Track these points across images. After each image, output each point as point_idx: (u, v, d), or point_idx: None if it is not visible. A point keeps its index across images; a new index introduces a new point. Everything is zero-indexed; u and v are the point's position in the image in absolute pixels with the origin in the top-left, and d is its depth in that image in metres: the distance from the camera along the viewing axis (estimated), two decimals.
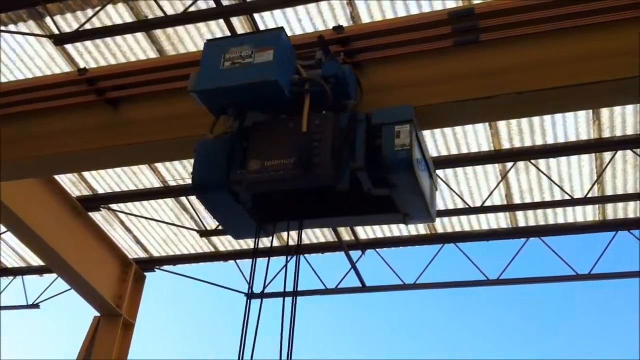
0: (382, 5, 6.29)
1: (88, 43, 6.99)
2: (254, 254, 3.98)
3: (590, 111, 7.11)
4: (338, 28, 4.42)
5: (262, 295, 9.87)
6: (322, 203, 3.94)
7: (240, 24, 6.65)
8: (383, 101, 4.17)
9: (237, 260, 9.92)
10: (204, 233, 9.17)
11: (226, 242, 9.79)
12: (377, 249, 9.71)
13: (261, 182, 3.59)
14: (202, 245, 9.89)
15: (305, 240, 9.74)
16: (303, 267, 9.88)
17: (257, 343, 3.59)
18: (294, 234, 3.91)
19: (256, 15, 6.50)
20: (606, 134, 7.41)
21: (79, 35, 5.78)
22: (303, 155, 3.49)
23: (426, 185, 3.75)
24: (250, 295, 3.77)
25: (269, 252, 3.97)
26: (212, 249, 9.92)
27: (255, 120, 3.84)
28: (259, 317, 3.64)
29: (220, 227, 9.00)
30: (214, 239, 9.69)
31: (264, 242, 4.01)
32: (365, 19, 6.40)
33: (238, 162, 3.73)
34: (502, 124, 7.60)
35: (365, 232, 9.60)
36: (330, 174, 3.50)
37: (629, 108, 7.03)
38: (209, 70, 3.76)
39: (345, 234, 9.57)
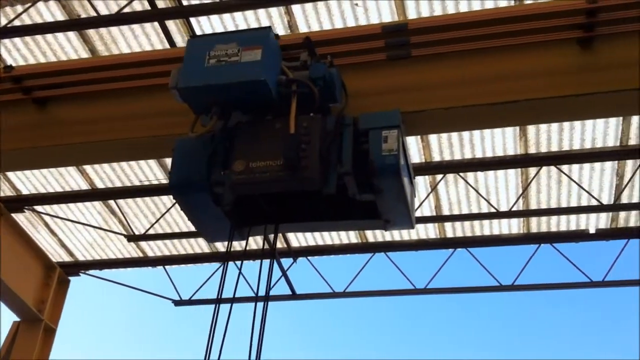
0: (320, 17, 6.34)
1: (17, 40, 6.78)
2: (227, 258, 3.95)
3: (518, 128, 7.35)
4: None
5: (190, 302, 9.78)
6: (301, 207, 3.90)
7: (176, 27, 6.59)
8: None
9: (166, 266, 9.76)
10: (132, 238, 8.97)
11: (155, 248, 9.63)
12: (309, 257, 9.75)
13: (246, 184, 3.51)
14: (130, 250, 9.68)
15: (237, 247, 9.67)
16: (234, 274, 9.85)
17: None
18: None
19: (192, 19, 6.45)
20: (532, 150, 7.68)
21: (7, 32, 5.59)
22: (291, 157, 3.43)
23: (409, 192, 3.75)
24: (219, 300, 3.75)
25: (243, 255, 4.04)
26: (141, 254, 9.73)
27: (236, 120, 3.76)
28: (218, 323, 3.61)
29: (149, 232, 8.87)
30: (143, 244, 9.50)
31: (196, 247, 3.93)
32: (302, 28, 6.44)
33: (220, 163, 3.67)
34: (433, 137, 7.78)
35: (297, 239, 9.62)
36: (318, 177, 3.46)
37: (554, 126, 7.30)
38: (193, 68, 3.65)
39: (278, 242, 9.55)
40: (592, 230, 9.04)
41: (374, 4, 6.14)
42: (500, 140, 7.64)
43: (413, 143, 7.88)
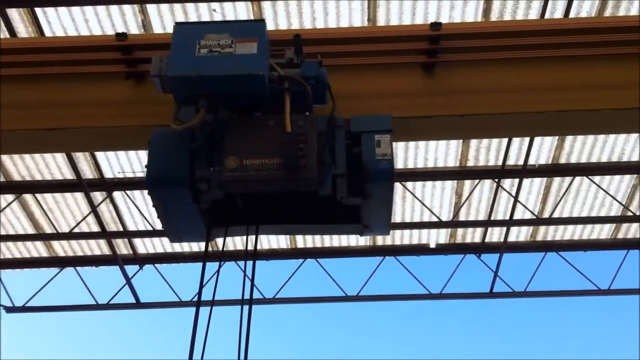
0: (176, 18, 6.20)
1: None
2: (205, 257, 3.74)
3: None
4: (121, 35, 4.23)
5: (24, 309, 9.06)
6: (280, 209, 3.72)
7: (19, 17, 6.17)
8: (166, 112, 4.07)
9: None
10: None
11: None
12: (156, 264, 9.47)
13: (239, 182, 3.31)
14: None
15: (78, 251, 9.22)
16: (75, 280, 9.36)
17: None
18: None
19: (38, 11, 6.07)
20: None
21: None
22: (290, 156, 3.28)
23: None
24: (198, 303, 3.58)
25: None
26: None
27: (221, 115, 3.54)
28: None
29: None
30: None
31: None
32: (157, 29, 6.26)
33: (206, 158, 3.46)
34: None
35: (144, 246, 9.32)
36: (316, 178, 3.33)
37: (400, 145, 7.63)
38: (182, 56, 3.39)
39: (123, 247, 9.21)
40: (432, 245, 9.55)
41: (232, 11, 6.09)
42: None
43: None
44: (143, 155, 7.85)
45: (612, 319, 17.58)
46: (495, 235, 9.31)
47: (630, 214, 8.76)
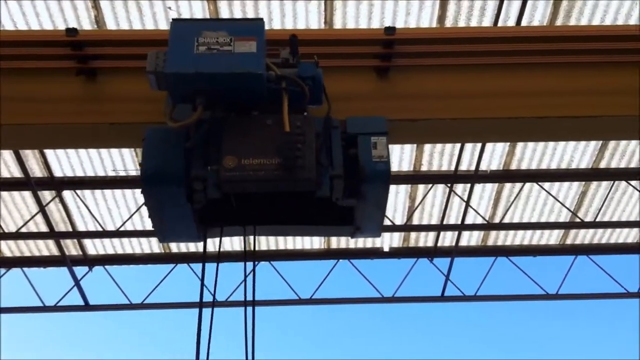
0: (130, 15, 6.11)
1: None
2: (204, 258, 3.75)
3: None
4: (72, 31, 4.15)
5: None
6: (272, 209, 3.68)
7: None
8: (117, 110, 4.04)
9: None
10: None
11: None
12: (107, 266, 9.30)
13: (238, 181, 3.28)
14: None
15: (26, 252, 9.00)
16: (22, 281, 9.13)
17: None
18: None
19: None
20: None
21: None
22: (288, 157, 3.27)
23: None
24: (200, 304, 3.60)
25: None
26: None
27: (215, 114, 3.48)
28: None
29: None
30: None
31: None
32: (111, 25, 6.16)
33: (201, 157, 3.42)
34: None
35: (95, 247, 9.15)
36: (315, 178, 3.32)
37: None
38: (180, 53, 3.35)
39: (73, 248, 9.02)
40: (386, 249, 9.62)
41: (188, 9, 6.03)
42: None
43: None
44: (94, 154, 7.71)
45: (560, 323, 17.99)
46: (447, 239, 9.43)
47: (578, 220, 8.98)
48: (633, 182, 8.62)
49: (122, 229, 8.59)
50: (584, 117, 4.18)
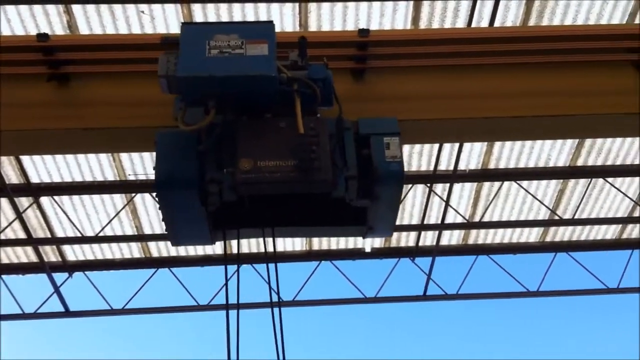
0: (103, 20, 6.06)
1: None
2: (225, 260, 3.82)
3: None
4: (43, 36, 4.11)
5: None
6: (285, 211, 3.71)
7: None
8: (91, 115, 4.01)
9: None
10: None
11: None
12: (87, 272, 9.23)
13: (254, 183, 3.27)
14: None
15: (4, 259, 8.89)
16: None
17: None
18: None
19: None
20: None
21: None
22: (305, 158, 3.28)
23: None
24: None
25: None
26: None
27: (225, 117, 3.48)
28: None
29: None
30: None
31: None
32: (83, 30, 6.10)
33: (215, 160, 3.42)
34: None
35: (74, 253, 9.07)
36: (331, 180, 3.33)
37: None
38: (193, 57, 3.35)
39: (52, 254, 8.93)
40: (367, 249, 9.63)
41: (161, 12, 6.00)
42: None
43: None
44: (71, 159, 7.64)
45: (542, 320, 18.13)
46: (428, 239, 9.46)
47: (557, 217, 9.05)
48: (610, 179, 8.70)
49: (101, 234, 8.52)
50: (560, 116, 4.21)
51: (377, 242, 9.52)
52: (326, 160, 3.35)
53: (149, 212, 8.57)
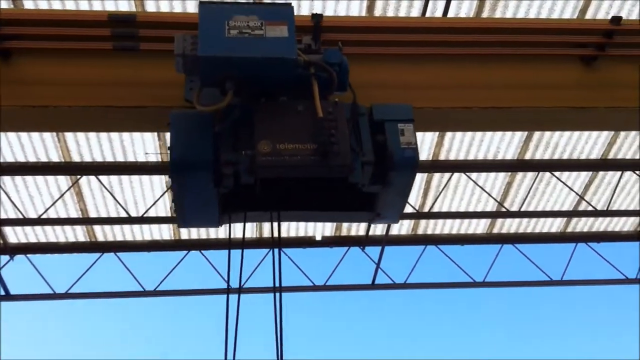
0: None
1: None
2: (229, 245, 3.76)
3: None
4: None
5: None
6: (294, 195, 3.72)
7: None
8: (32, 93, 3.90)
9: None
10: None
11: None
12: (29, 255, 8.99)
13: (274, 166, 3.27)
14: None
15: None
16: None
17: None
18: None
19: None
20: None
21: None
22: (324, 142, 3.28)
23: None
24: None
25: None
26: None
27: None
28: None
29: None
30: None
31: None
32: (28, 4, 5.91)
33: (231, 142, 3.41)
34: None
35: (16, 235, 8.82)
36: (350, 164, 3.33)
37: None
38: (211, 36, 3.32)
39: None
40: (318, 237, 9.64)
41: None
42: None
43: (149, 141, 7.68)
44: (13, 138, 7.40)
45: (488, 310, 18.50)
46: (378, 228, 9.51)
47: (504, 210, 9.21)
48: (557, 173, 8.89)
49: (44, 216, 8.30)
50: (506, 108, 4.27)
51: (328, 231, 9.54)
52: (345, 144, 3.37)
53: (95, 195, 8.38)
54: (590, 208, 9.29)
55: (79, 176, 8.09)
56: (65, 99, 3.85)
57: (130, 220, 8.55)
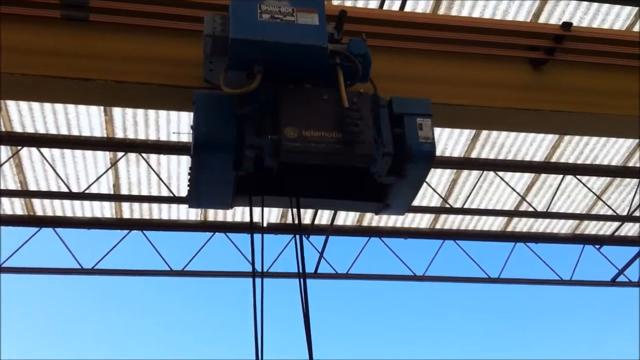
0: None
1: None
2: (251, 228, 3.81)
3: None
4: None
5: None
6: (308, 182, 3.74)
7: None
8: None
9: None
10: None
11: None
12: None
13: (299, 152, 3.30)
14: None
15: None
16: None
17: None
18: None
19: None
20: None
21: None
22: (350, 132, 3.33)
23: None
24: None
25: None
26: None
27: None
28: None
29: None
30: None
31: None
32: None
33: (254, 126, 3.42)
34: (117, 113, 7.51)
35: None
36: (373, 155, 3.39)
37: None
38: (244, 19, 3.33)
39: None
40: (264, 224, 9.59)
41: None
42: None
43: (95, 115, 7.51)
44: None
45: (426, 303, 18.81)
46: (324, 217, 9.54)
47: (448, 206, 9.35)
48: (500, 173, 9.08)
49: None
50: (454, 105, 4.32)
51: (273, 218, 9.52)
52: (369, 135, 3.43)
53: (35, 168, 8.14)
54: (530, 209, 9.53)
55: (19, 147, 7.85)
56: (7, 66, 3.71)
57: (71, 195, 8.35)
